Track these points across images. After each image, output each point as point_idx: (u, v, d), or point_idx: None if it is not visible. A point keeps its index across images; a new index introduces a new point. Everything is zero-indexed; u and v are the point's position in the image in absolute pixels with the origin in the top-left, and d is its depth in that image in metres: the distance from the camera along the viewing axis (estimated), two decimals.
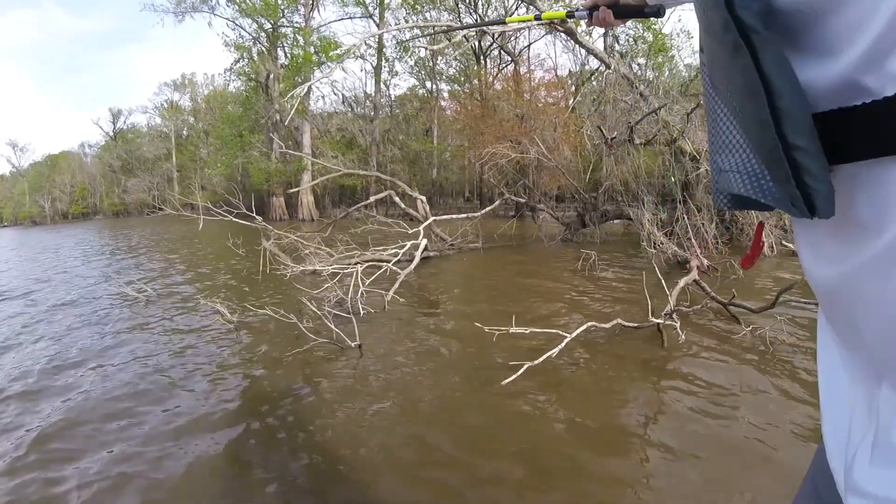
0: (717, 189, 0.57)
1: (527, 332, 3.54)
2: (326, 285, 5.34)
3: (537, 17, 1.20)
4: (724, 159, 0.50)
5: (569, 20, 1.14)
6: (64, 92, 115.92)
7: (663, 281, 4.51)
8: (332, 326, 4.11)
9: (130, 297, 6.35)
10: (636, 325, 4.05)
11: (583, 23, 1.18)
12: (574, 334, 3.51)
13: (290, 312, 4.50)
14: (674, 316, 4.05)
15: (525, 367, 3.02)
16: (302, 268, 6.29)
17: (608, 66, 10.35)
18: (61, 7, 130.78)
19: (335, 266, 6.12)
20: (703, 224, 8.33)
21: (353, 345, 3.93)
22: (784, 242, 8.51)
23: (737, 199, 0.55)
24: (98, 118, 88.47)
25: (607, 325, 3.90)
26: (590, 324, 3.76)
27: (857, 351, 0.52)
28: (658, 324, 4.02)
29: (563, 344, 3.35)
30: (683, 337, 3.84)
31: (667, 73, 18.57)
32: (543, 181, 13.03)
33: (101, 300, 6.52)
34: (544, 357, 3.16)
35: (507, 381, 2.96)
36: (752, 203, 0.52)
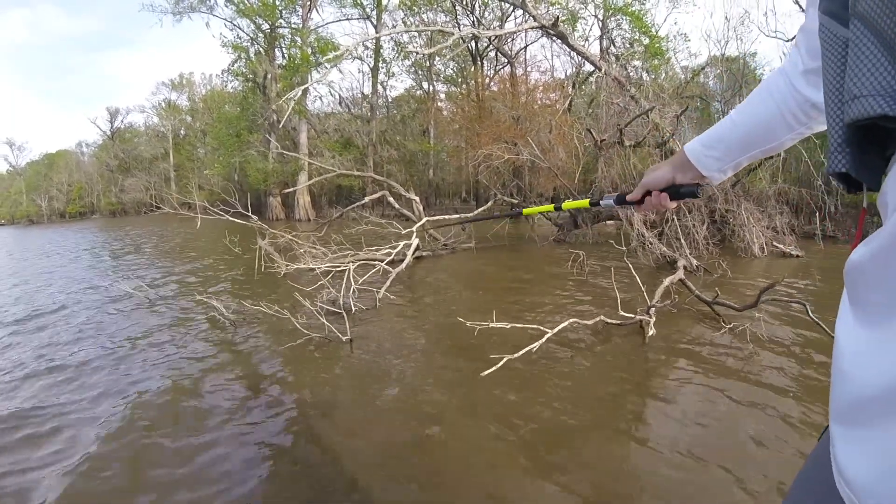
0: (842, 121, 0.49)
1: (507, 326, 3.66)
2: (320, 283, 5.46)
3: (557, 208, 1.27)
4: (861, 85, 0.45)
5: (592, 207, 1.18)
6: (61, 91, 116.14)
7: (638, 280, 4.63)
8: (325, 322, 4.23)
9: (130, 295, 6.45)
10: (619, 322, 4.19)
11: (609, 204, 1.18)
12: (556, 329, 3.65)
13: (283, 309, 4.63)
14: (650, 312, 4.18)
15: (504, 360, 3.15)
16: (296, 266, 6.41)
17: (599, 69, 10.49)
18: (55, 6, 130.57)
19: (328, 265, 6.24)
20: (693, 225, 8.48)
21: (344, 339, 4.06)
22: (775, 243, 8.66)
23: (854, 150, 0.49)
24: (95, 117, 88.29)
25: (590, 322, 4.03)
26: (572, 320, 3.89)
27: None
28: (641, 320, 4.16)
29: (543, 339, 3.49)
30: (654, 331, 3.99)
31: (663, 75, 18.71)
32: (539, 183, 13.15)
33: (100, 299, 6.62)
34: (523, 351, 3.30)
35: (485, 373, 3.09)
36: (869, 164, 0.49)
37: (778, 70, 0.80)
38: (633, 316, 4.18)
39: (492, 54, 25.30)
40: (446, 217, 10.16)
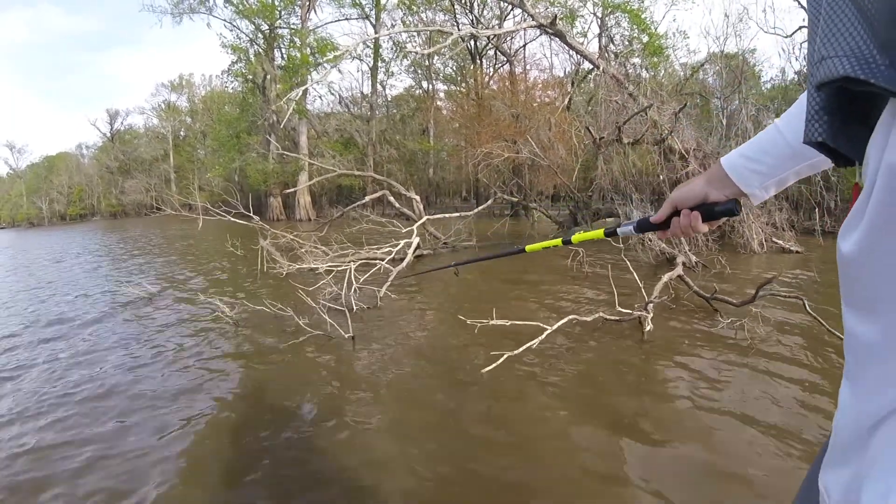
0: (815, 82, 0.46)
1: (507, 324, 3.70)
2: (322, 282, 5.51)
3: (566, 242, 1.13)
4: (829, 46, 0.44)
5: (608, 236, 1.05)
6: (61, 91, 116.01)
7: (636, 277, 4.67)
8: (328, 319, 4.28)
9: (132, 294, 6.50)
10: (617, 318, 4.23)
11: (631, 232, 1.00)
12: (555, 326, 3.69)
13: (286, 307, 4.67)
14: (648, 308, 4.22)
15: (504, 356, 3.19)
16: (298, 266, 6.45)
17: (597, 67, 10.53)
18: (55, 5, 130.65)
19: (330, 264, 6.28)
20: None
21: (346, 336, 4.10)
22: (774, 239, 8.69)
23: (832, 119, 0.47)
24: (95, 119, 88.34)
25: (589, 319, 4.08)
26: (571, 316, 3.93)
27: None
28: (639, 316, 4.20)
29: (543, 336, 3.53)
30: (651, 326, 4.04)
31: (662, 72, 18.74)
32: (539, 180, 13.19)
33: (102, 297, 6.67)
34: (523, 348, 3.34)
35: (486, 369, 3.13)
36: (844, 132, 0.47)
37: None
38: (630, 312, 4.22)
39: (491, 53, 25.33)
40: (446, 215, 10.18)
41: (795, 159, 0.76)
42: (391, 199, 9.33)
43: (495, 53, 25.05)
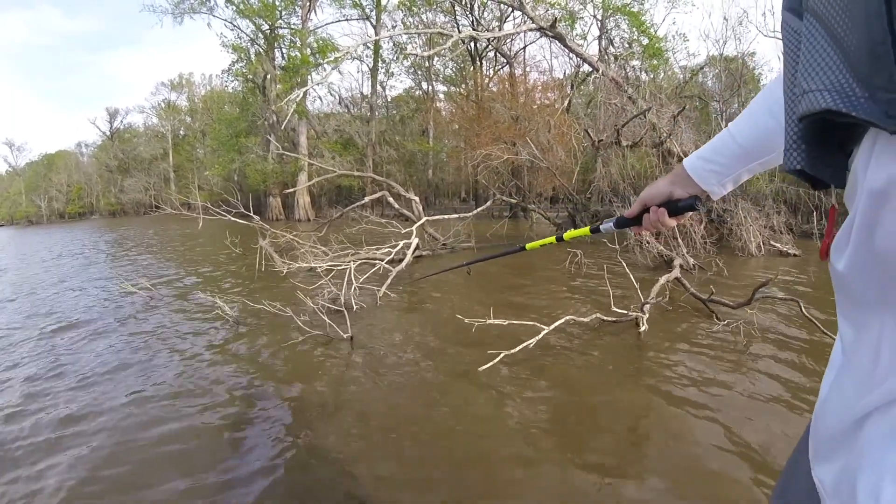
0: (795, 116, 0.49)
1: (505, 323, 3.74)
2: (321, 282, 5.53)
3: (559, 239, 1.25)
4: (811, 80, 0.45)
5: (594, 233, 1.18)
6: (61, 91, 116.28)
7: (632, 278, 4.70)
8: (326, 319, 4.31)
9: (134, 293, 6.52)
10: (614, 318, 4.26)
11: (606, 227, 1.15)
12: (552, 326, 3.72)
13: (285, 307, 4.70)
14: (644, 308, 4.26)
15: (501, 355, 3.22)
16: (297, 265, 6.48)
17: (596, 70, 10.57)
18: (55, 5, 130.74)
19: (329, 264, 6.31)
20: (691, 224, 8.55)
21: (345, 336, 4.13)
22: (772, 242, 8.72)
23: (810, 148, 0.50)
24: (95, 118, 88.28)
25: (586, 319, 4.11)
26: (568, 317, 3.97)
27: None
28: (636, 317, 4.24)
29: (540, 335, 3.56)
30: (646, 327, 4.09)
31: (661, 75, 18.79)
32: (538, 182, 13.23)
33: (102, 297, 6.69)
34: (520, 347, 3.38)
35: (483, 367, 3.16)
36: (822, 160, 0.50)
37: (777, 78, 0.75)
38: (626, 312, 4.26)
39: (491, 54, 25.38)
40: (446, 216, 10.19)
41: (746, 159, 0.84)
42: (390, 199, 9.36)
43: (495, 55, 25.10)
